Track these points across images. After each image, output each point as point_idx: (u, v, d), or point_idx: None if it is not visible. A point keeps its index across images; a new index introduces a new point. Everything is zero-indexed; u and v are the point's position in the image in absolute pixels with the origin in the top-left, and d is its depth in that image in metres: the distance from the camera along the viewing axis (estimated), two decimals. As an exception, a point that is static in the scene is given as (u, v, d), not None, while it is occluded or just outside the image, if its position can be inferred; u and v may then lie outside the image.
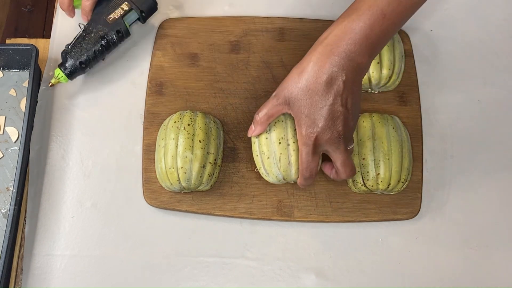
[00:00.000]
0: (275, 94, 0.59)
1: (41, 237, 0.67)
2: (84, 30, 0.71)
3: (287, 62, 0.75)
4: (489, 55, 0.77)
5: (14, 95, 0.75)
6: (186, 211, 0.68)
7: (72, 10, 0.73)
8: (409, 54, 0.75)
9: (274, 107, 0.59)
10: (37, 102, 0.73)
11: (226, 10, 0.79)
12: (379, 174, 0.65)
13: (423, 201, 0.69)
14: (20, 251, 0.67)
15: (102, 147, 0.71)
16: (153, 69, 0.74)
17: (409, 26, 0.76)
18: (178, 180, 0.63)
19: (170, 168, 0.63)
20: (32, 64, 0.70)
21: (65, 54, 0.70)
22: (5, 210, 0.69)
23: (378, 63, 0.69)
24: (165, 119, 0.69)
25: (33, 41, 0.77)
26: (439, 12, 0.80)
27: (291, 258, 0.67)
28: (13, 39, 0.78)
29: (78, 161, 0.71)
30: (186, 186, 0.64)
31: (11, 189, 0.69)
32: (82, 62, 0.70)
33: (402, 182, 0.66)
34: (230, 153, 0.70)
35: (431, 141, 0.73)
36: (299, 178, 0.61)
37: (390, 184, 0.65)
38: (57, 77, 0.70)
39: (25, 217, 0.68)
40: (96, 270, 0.67)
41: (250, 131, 0.63)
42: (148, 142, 0.70)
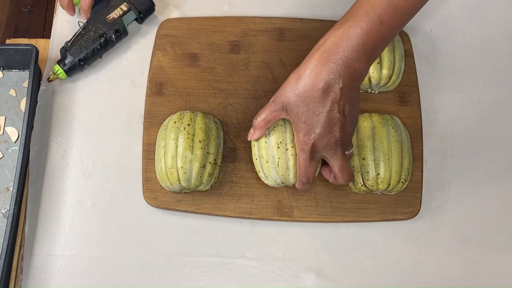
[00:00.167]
0: (273, 99, 0.59)
1: (41, 237, 0.67)
2: (83, 28, 0.72)
3: (287, 62, 0.75)
4: (489, 55, 0.77)
5: (14, 95, 0.75)
6: (186, 211, 0.68)
7: (72, 8, 0.74)
8: (409, 54, 0.75)
9: (272, 113, 0.59)
10: (37, 102, 0.73)
11: (226, 10, 0.79)
12: (379, 174, 0.65)
13: (423, 201, 0.69)
14: (20, 251, 0.67)
15: (102, 147, 0.71)
16: (153, 69, 0.74)
17: (409, 26, 0.75)
18: (178, 180, 0.63)
19: (170, 168, 0.63)
20: (32, 64, 0.70)
21: (64, 51, 0.72)
22: (5, 210, 0.69)
23: (378, 63, 0.69)
24: (165, 119, 0.69)
25: (33, 41, 0.77)
26: (439, 12, 0.80)
27: (291, 258, 0.67)
28: (13, 39, 0.78)
29: (78, 161, 0.71)
30: (186, 186, 0.64)
31: (11, 189, 0.69)
32: (80, 59, 0.71)
33: (402, 182, 0.66)
34: (230, 153, 0.70)
35: (431, 141, 0.73)
36: (297, 182, 0.62)
37: (390, 184, 0.65)
38: (56, 73, 0.72)
39: (25, 217, 0.68)
40: (96, 270, 0.67)
41: (250, 135, 0.63)
42: (148, 142, 0.70)
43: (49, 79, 0.72)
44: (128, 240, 0.68)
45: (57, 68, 0.72)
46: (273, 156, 0.62)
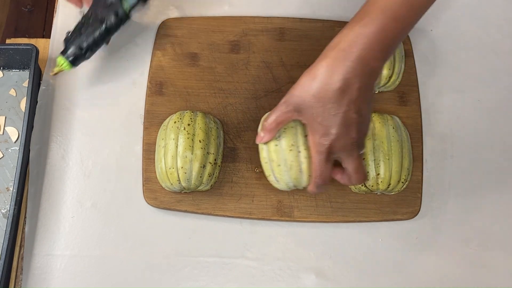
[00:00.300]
0: (285, 100, 0.57)
1: (41, 237, 0.67)
2: (84, 16, 0.69)
3: (287, 62, 0.75)
4: (489, 55, 0.77)
5: (14, 95, 0.75)
6: (186, 211, 0.68)
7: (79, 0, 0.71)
8: (409, 54, 0.75)
9: (283, 114, 0.57)
10: (37, 102, 0.73)
11: (226, 10, 0.79)
12: (379, 174, 0.65)
13: (423, 201, 0.69)
14: (20, 251, 0.67)
15: (102, 147, 0.71)
16: (153, 69, 0.74)
17: (409, 26, 0.76)
18: (178, 180, 0.63)
19: (170, 168, 0.63)
20: (32, 64, 0.70)
21: (66, 41, 0.69)
22: (5, 210, 0.69)
23: (378, 63, 0.69)
24: (165, 119, 0.69)
25: (33, 41, 0.77)
26: (439, 12, 0.80)
27: (291, 258, 0.67)
28: (13, 39, 0.78)
29: (78, 161, 0.71)
30: (186, 186, 0.64)
31: (11, 189, 0.69)
32: (83, 48, 0.68)
33: (402, 182, 0.66)
34: (230, 153, 0.70)
35: (431, 141, 0.73)
36: (311, 185, 0.59)
37: (390, 184, 0.65)
38: (60, 65, 0.68)
39: (25, 217, 0.68)
40: (96, 270, 0.67)
41: (259, 138, 0.60)
42: (148, 142, 0.70)
43: (53, 73, 0.69)
44: (128, 240, 0.68)
45: (60, 60, 0.68)
46: (285, 159, 0.59)
